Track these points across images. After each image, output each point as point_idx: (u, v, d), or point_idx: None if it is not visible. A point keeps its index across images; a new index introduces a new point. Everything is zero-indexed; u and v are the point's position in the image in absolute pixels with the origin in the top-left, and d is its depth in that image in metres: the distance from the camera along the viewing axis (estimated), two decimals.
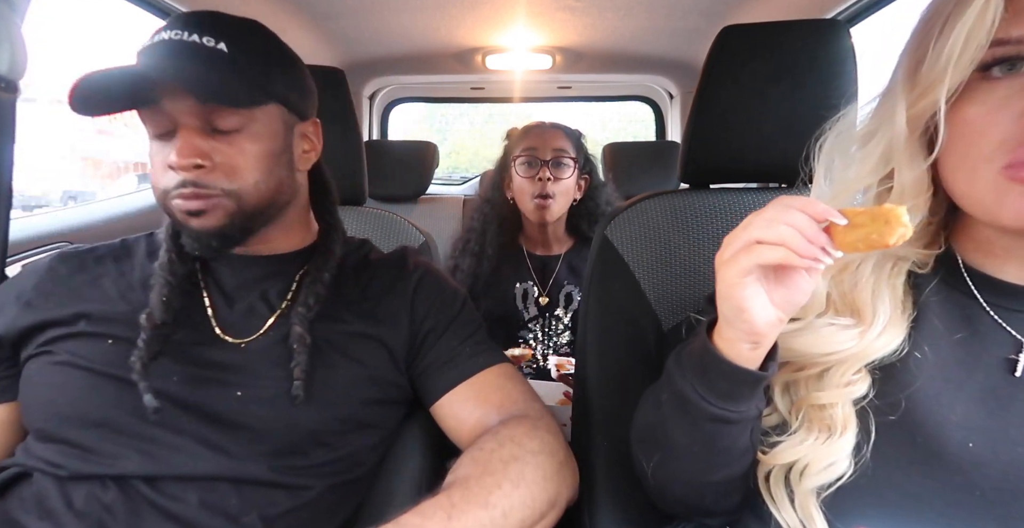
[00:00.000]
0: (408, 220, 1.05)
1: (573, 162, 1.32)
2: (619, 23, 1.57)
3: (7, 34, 0.72)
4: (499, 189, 1.40)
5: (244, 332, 0.66)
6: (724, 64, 0.77)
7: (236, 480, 0.60)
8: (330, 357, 0.66)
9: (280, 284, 0.70)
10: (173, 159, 0.59)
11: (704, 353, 0.48)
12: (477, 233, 1.38)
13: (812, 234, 0.41)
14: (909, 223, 0.40)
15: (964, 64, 0.42)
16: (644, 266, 0.80)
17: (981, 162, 0.43)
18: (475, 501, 0.54)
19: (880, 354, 0.48)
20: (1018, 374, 0.46)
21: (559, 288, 1.34)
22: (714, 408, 0.48)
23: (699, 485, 0.53)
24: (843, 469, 0.47)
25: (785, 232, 0.41)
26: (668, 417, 0.52)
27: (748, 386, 0.47)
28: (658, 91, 2.33)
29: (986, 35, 0.41)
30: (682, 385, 0.49)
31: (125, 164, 15.92)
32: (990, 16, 0.40)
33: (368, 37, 1.68)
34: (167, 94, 0.59)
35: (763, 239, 0.42)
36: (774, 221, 0.42)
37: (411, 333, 0.71)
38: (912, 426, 0.47)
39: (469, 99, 2.72)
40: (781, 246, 0.41)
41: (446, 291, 0.76)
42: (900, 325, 0.49)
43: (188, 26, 0.60)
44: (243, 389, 0.63)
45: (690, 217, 0.82)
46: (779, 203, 0.43)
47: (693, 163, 0.81)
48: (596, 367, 0.78)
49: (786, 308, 0.45)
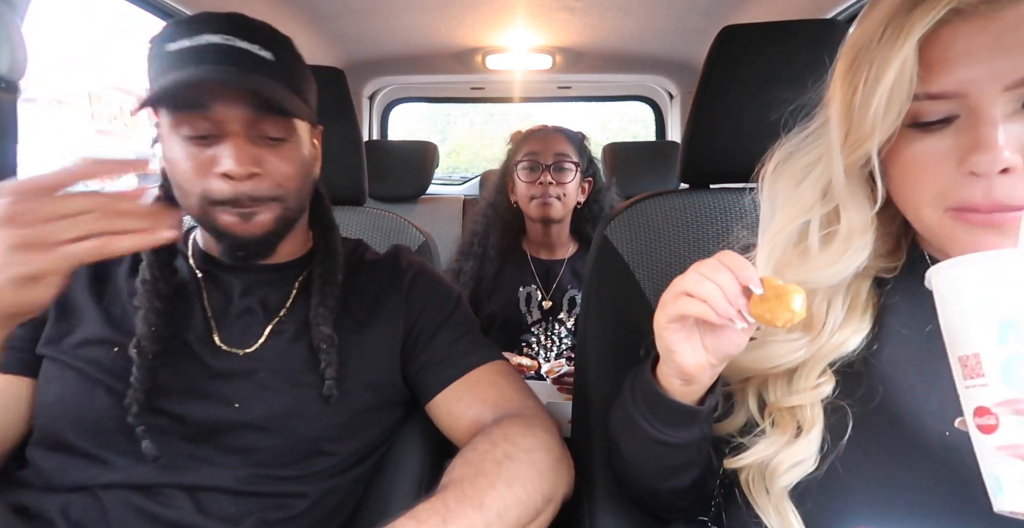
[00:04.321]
0: (408, 220, 1.05)
1: (575, 166, 1.32)
2: (619, 23, 1.57)
3: (7, 34, 0.72)
4: (502, 192, 1.40)
5: (243, 342, 0.66)
6: (724, 64, 0.77)
7: (234, 491, 0.60)
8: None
9: (279, 293, 0.70)
10: (229, 166, 0.58)
11: (646, 382, 0.52)
12: (480, 236, 1.38)
13: (732, 296, 0.45)
14: (799, 310, 0.43)
15: (890, 120, 0.43)
16: (644, 266, 0.80)
17: (923, 205, 0.44)
18: (470, 503, 0.54)
19: (837, 354, 0.50)
20: None
21: (563, 292, 1.34)
22: (657, 433, 0.52)
23: (652, 489, 0.58)
24: (810, 467, 0.48)
25: (709, 290, 0.44)
26: (620, 434, 0.58)
27: (685, 416, 0.51)
28: (658, 91, 2.33)
29: (906, 94, 0.42)
30: (631, 409, 0.54)
31: None
32: (907, 76, 0.41)
33: (368, 37, 1.68)
34: (220, 99, 0.58)
35: (691, 292, 0.45)
36: (704, 277, 0.45)
37: (406, 332, 0.72)
38: (891, 419, 0.47)
39: (469, 99, 2.72)
40: (703, 303, 0.45)
41: (440, 290, 0.76)
42: (858, 326, 0.50)
43: (233, 30, 0.60)
44: (241, 402, 0.62)
45: (690, 217, 0.82)
46: (719, 258, 0.46)
47: (693, 163, 0.81)
48: (596, 367, 0.78)
49: (716, 355, 0.48)
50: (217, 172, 0.59)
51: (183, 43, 0.58)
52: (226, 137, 0.59)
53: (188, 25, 0.60)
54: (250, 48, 0.60)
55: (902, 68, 0.41)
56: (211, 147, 0.59)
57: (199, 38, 0.58)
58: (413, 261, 0.78)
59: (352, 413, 0.66)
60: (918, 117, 0.43)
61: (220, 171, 0.59)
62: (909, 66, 0.41)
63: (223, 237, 0.63)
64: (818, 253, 0.50)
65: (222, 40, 0.59)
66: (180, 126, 0.59)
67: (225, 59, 0.58)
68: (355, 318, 0.70)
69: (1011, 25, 0.38)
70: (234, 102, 0.58)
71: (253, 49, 0.60)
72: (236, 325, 0.67)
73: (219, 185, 0.59)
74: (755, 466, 0.51)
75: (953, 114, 0.42)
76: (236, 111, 0.59)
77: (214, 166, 0.59)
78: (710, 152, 0.80)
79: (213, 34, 0.59)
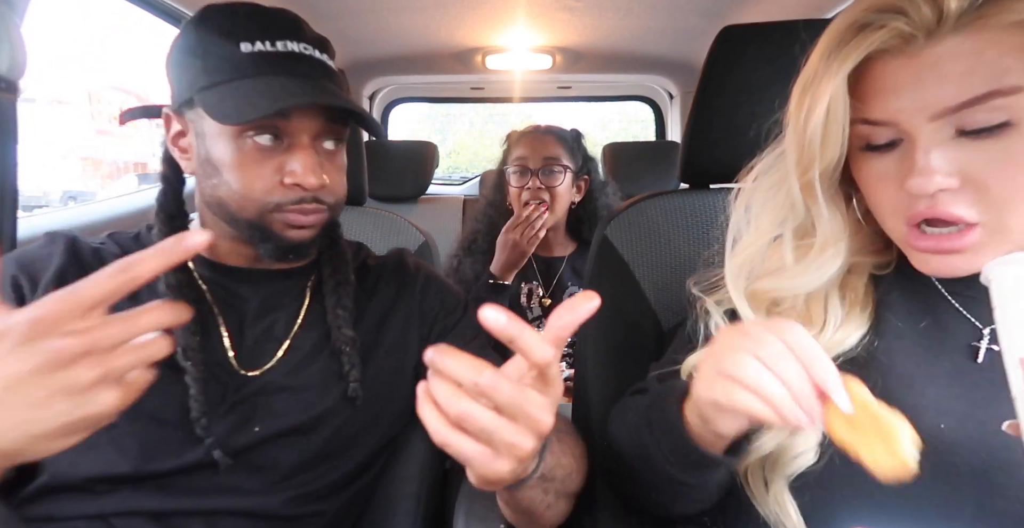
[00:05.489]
0: (408, 220, 1.05)
1: (564, 169, 1.31)
2: (619, 23, 1.56)
3: (7, 34, 0.72)
4: (501, 191, 1.40)
5: (259, 360, 0.64)
6: (724, 64, 0.77)
7: (250, 513, 0.60)
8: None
9: (293, 302, 0.68)
10: (305, 178, 0.58)
11: (671, 425, 0.48)
12: (482, 234, 1.38)
13: (804, 399, 0.38)
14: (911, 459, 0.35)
15: (831, 145, 0.47)
16: (644, 266, 0.80)
17: (886, 216, 0.48)
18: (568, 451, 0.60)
19: (838, 350, 0.51)
20: (980, 361, 0.48)
21: (563, 290, 1.34)
22: (680, 475, 0.49)
23: (661, 506, 0.57)
24: (811, 459, 0.49)
25: (772, 388, 0.38)
26: (632, 462, 0.55)
27: (714, 463, 0.47)
28: (658, 91, 2.33)
29: (840, 122, 0.46)
30: (652, 448, 0.50)
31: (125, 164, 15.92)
32: (839, 106, 0.45)
33: (368, 37, 1.68)
34: (300, 112, 0.58)
35: (746, 383, 0.39)
36: (765, 366, 0.38)
37: (420, 338, 0.71)
38: None
39: (469, 99, 2.73)
40: (764, 401, 0.38)
41: (450, 295, 0.76)
42: (858, 322, 0.52)
43: (305, 38, 0.60)
44: (261, 424, 0.61)
45: (690, 217, 0.82)
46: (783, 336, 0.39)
47: (693, 163, 0.81)
48: (596, 367, 0.78)
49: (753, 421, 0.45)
50: (289, 182, 0.58)
51: (261, 47, 0.57)
52: (296, 146, 0.59)
53: (258, 24, 0.58)
54: (322, 58, 0.61)
55: (833, 99, 0.45)
56: (276, 153, 0.59)
57: (278, 44, 0.58)
58: (420, 265, 0.78)
59: (373, 415, 0.66)
60: (869, 140, 0.47)
61: (292, 181, 0.58)
62: (840, 97, 0.45)
63: (271, 239, 0.61)
64: (792, 263, 0.52)
65: (301, 49, 0.59)
66: (248, 131, 0.57)
67: (304, 70, 0.59)
68: (370, 320, 0.69)
69: (930, 62, 0.42)
70: (309, 113, 0.59)
71: (324, 59, 0.61)
72: (253, 344, 0.64)
73: (279, 189, 0.59)
74: (755, 460, 0.51)
75: (897, 138, 0.45)
76: (311, 122, 0.59)
77: (281, 174, 0.58)
78: (710, 152, 0.80)
79: (292, 41, 0.58)
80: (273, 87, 0.56)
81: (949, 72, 0.41)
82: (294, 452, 0.62)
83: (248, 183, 0.58)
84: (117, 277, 0.37)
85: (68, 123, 14.60)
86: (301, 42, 0.59)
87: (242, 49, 0.57)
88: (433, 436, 0.37)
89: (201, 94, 0.57)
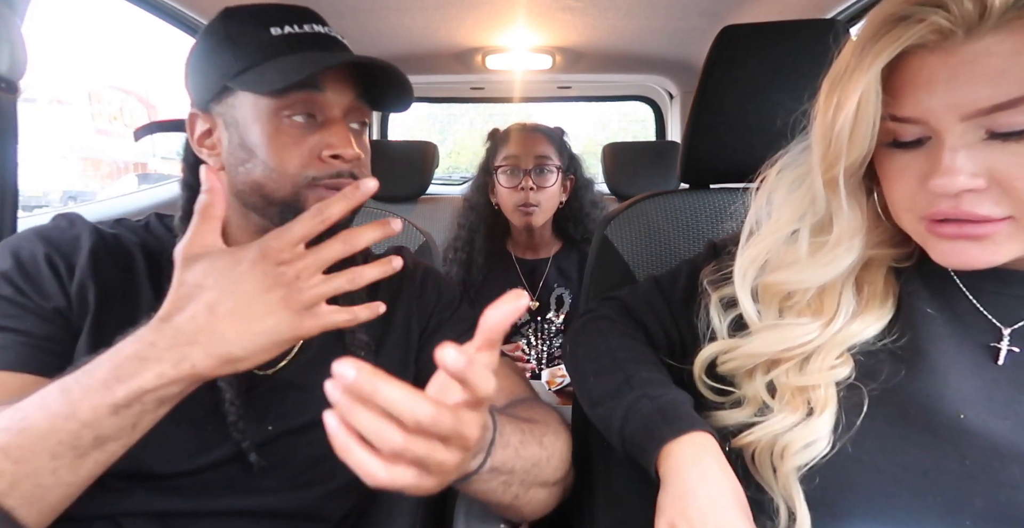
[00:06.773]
0: (408, 220, 1.05)
1: (556, 169, 1.29)
2: (619, 23, 1.56)
3: (7, 34, 0.72)
4: (484, 193, 1.37)
5: (273, 360, 0.61)
6: (724, 64, 0.77)
7: (254, 513, 0.60)
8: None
9: None
10: (344, 148, 0.58)
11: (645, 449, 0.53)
12: (464, 241, 1.35)
13: None
14: None
15: (859, 142, 0.46)
16: (644, 266, 0.80)
17: (902, 212, 0.48)
18: (534, 440, 0.59)
19: (856, 340, 0.51)
20: (1000, 363, 0.48)
21: (549, 291, 1.33)
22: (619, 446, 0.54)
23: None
24: (823, 448, 0.49)
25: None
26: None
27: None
28: (658, 91, 2.33)
29: (871, 118, 0.45)
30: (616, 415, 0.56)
31: (125, 164, 15.93)
32: (871, 102, 0.44)
33: (368, 37, 1.68)
34: (333, 85, 0.59)
35: None
36: None
37: (419, 333, 0.72)
38: (906, 400, 0.49)
39: (469, 99, 2.72)
40: None
41: (448, 289, 0.76)
42: (879, 314, 0.52)
43: (324, 23, 0.61)
44: (274, 423, 0.61)
45: (690, 217, 0.82)
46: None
47: (693, 163, 0.81)
48: None
49: None
50: (327, 155, 0.58)
51: (291, 29, 0.59)
52: (329, 121, 0.59)
53: (283, 13, 0.60)
54: (343, 41, 0.62)
55: (865, 94, 0.44)
56: (311, 131, 0.59)
57: (306, 26, 0.59)
58: (418, 262, 0.78)
59: None
60: (896, 136, 0.46)
61: (330, 153, 0.58)
62: (872, 93, 0.44)
63: None
64: (806, 257, 0.52)
65: (327, 31, 0.61)
66: (284, 110, 0.58)
67: (334, 47, 0.60)
68: (375, 319, 0.69)
69: (966, 60, 0.41)
70: (342, 88, 0.59)
71: (345, 42, 0.63)
72: None
73: (323, 166, 0.59)
74: (764, 446, 0.51)
75: (925, 136, 0.44)
76: (343, 96, 0.59)
77: (320, 148, 0.59)
78: (710, 152, 0.80)
79: (316, 24, 0.60)
80: (307, 59, 0.57)
81: (984, 71, 0.40)
82: (304, 451, 0.62)
83: (285, 159, 0.58)
84: (315, 218, 0.47)
85: (68, 123, 14.62)
86: (326, 26, 0.61)
87: (272, 33, 0.58)
88: (369, 479, 0.36)
89: (236, 78, 0.57)
